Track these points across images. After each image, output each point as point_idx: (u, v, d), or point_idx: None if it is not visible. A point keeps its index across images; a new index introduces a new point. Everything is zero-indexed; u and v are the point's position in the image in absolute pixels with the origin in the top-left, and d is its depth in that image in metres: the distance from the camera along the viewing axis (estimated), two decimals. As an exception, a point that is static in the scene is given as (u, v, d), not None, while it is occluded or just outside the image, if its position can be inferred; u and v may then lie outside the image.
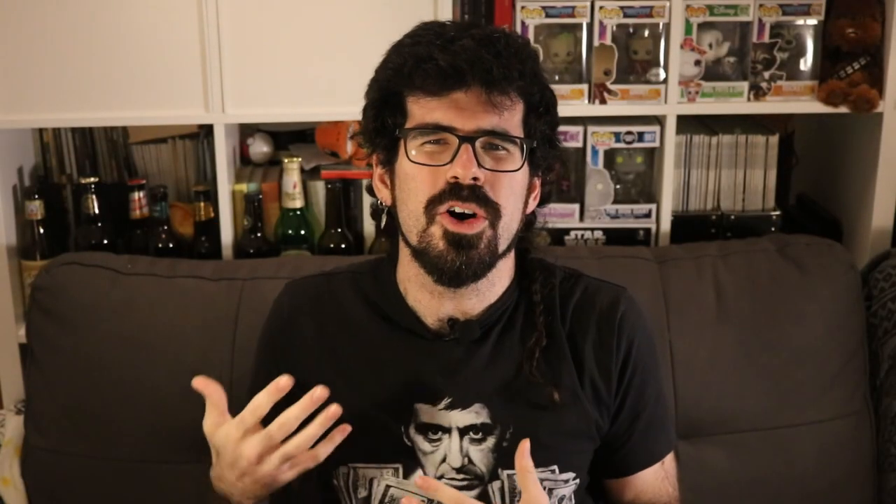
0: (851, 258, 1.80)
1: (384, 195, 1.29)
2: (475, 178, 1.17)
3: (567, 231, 1.92)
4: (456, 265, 1.20)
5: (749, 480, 1.69)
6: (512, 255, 1.30)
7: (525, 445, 1.12)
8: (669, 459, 1.39)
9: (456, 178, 1.17)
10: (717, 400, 1.69)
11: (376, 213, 1.33)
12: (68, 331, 1.66)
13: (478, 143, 1.18)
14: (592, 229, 1.93)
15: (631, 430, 1.34)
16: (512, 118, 1.21)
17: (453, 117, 1.18)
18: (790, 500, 1.71)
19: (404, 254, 1.29)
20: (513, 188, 1.22)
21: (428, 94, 1.19)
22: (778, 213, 1.96)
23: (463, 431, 1.27)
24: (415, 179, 1.21)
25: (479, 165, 1.18)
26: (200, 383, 1.18)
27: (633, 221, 1.93)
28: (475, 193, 1.18)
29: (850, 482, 1.73)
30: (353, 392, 1.28)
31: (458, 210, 1.18)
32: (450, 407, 1.27)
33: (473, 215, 1.19)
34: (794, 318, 1.72)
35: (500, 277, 1.29)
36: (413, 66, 1.18)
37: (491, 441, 1.27)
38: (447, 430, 1.27)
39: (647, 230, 1.93)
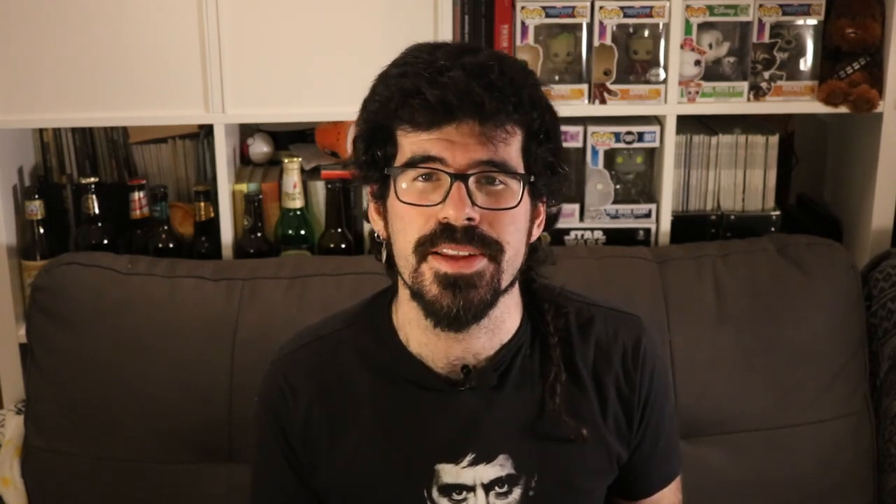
0: (851, 258, 1.80)
1: (379, 227, 1.21)
2: (469, 219, 1.09)
3: (567, 231, 1.92)
4: (453, 310, 1.11)
5: (749, 480, 1.69)
6: (517, 287, 1.22)
7: None
8: (678, 479, 1.37)
9: (447, 219, 1.09)
10: (717, 400, 1.69)
11: (374, 240, 1.25)
12: (68, 331, 1.66)
13: (471, 180, 1.10)
14: (592, 229, 1.93)
15: (651, 456, 1.31)
16: (509, 149, 1.12)
17: (443, 150, 1.10)
18: (790, 500, 1.71)
19: (403, 293, 1.20)
20: (515, 223, 1.14)
21: (417, 128, 1.11)
22: (778, 213, 1.96)
23: (488, 487, 1.21)
24: (404, 218, 1.13)
25: (473, 204, 1.09)
26: None
27: (633, 221, 1.93)
28: (470, 234, 1.10)
29: (850, 482, 1.73)
30: (370, 463, 1.23)
31: (451, 252, 1.10)
32: (473, 463, 1.21)
33: (469, 255, 1.10)
34: (794, 318, 1.72)
35: (509, 313, 1.21)
36: (400, 101, 1.10)
37: (517, 492, 1.22)
38: (471, 489, 1.21)
39: (647, 230, 1.93)
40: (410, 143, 1.12)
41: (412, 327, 1.21)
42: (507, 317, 1.21)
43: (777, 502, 1.71)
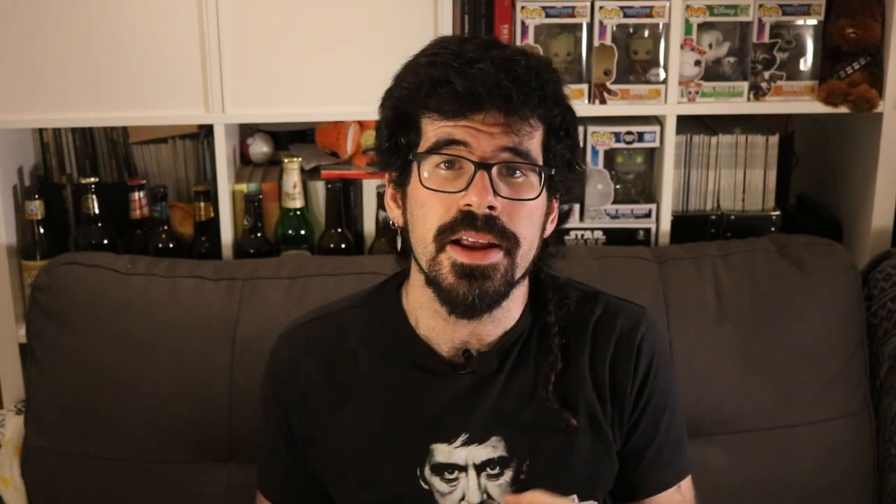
0: (851, 258, 1.80)
1: (395, 215, 1.24)
2: (491, 207, 1.12)
3: (567, 231, 1.92)
4: (469, 299, 1.14)
5: (749, 480, 1.69)
6: (526, 278, 1.24)
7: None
8: (686, 485, 1.35)
9: (470, 206, 1.11)
10: (717, 400, 1.69)
11: (388, 228, 1.28)
12: (68, 331, 1.66)
13: (494, 170, 1.12)
14: (592, 229, 1.93)
15: (642, 454, 1.30)
16: (532, 142, 1.15)
17: (468, 136, 1.12)
18: (790, 500, 1.71)
19: (417, 278, 1.22)
20: (531, 217, 1.17)
21: (444, 116, 1.13)
22: (778, 213, 1.96)
23: (479, 468, 1.23)
24: (425, 205, 1.15)
25: (496, 193, 1.12)
26: None
27: (633, 221, 1.93)
28: (490, 223, 1.12)
29: (850, 482, 1.73)
30: (366, 440, 1.25)
31: (470, 240, 1.13)
32: (466, 443, 1.23)
33: (488, 245, 1.13)
34: (794, 318, 1.72)
35: (515, 302, 1.24)
36: (429, 89, 1.13)
37: (508, 475, 1.23)
38: (463, 469, 1.23)
39: (647, 230, 1.93)
40: (435, 129, 1.15)
41: (423, 311, 1.24)
42: (512, 305, 1.24)
43: (777, 502, 1.71)
